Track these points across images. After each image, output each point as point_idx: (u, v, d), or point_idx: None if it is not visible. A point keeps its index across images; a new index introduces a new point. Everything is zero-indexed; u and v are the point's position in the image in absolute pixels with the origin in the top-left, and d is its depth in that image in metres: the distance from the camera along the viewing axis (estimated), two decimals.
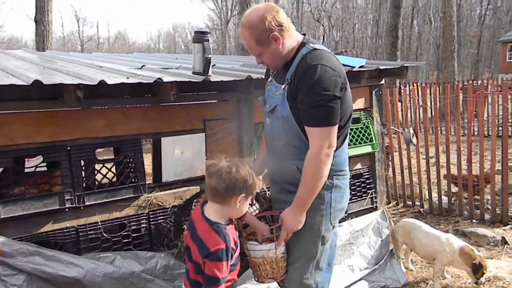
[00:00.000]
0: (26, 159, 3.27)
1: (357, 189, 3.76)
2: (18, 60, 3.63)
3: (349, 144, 3.66)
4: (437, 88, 7.20)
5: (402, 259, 4.04)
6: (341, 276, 3.44)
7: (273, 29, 2.07)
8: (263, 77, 2.54)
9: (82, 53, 12.10)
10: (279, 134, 2.19)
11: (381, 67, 3.56)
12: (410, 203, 6.08)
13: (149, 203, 2.82)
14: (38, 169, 2.79)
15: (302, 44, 2.15)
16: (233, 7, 37.69)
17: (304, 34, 2.22)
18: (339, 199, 2.25)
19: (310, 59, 2.06)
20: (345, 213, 2.40)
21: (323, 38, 38.23)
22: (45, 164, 2.79)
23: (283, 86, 2.14)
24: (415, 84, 11.06)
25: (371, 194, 3.86)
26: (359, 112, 3.76)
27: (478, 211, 5.42)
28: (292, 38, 2.15)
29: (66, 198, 2.56)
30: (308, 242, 2.23)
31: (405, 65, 3.69)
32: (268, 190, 2.38)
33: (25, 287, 2.27)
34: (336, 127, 2.07)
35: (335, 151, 2.11)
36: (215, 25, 41.58)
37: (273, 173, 2.35)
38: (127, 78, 2.58)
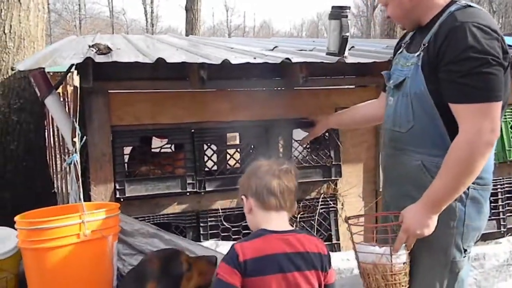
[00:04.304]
0: (160, 139, 3.35)
1: None
2: (158, 43, 3.73)
3: None
4: None
5: None
6: None
7: None
8: None
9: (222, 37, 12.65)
10: (406, 117, 1.70)
11: None
12: None
13: None
14: (162, 150, 2.78)
15: (451, 2, 1.66)
16: None
17: None
18: (475, 216, 1.68)
19: (461, 16, 1.56)
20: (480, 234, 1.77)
21: None
22: (169, 146, 2.78)
23: (417, 54, 1.67)
24: None
25: None
26: None
27: None
28: None
29: (188, 182, 2.49)
30: (432, 268, 1.71)
31: None
32: None
33: None
34: (500, 105, 1.52)
35: None
36: (361, 12, 40.13)
37: (388, 170, 1.88)
38: (254, 58, 2.40)
